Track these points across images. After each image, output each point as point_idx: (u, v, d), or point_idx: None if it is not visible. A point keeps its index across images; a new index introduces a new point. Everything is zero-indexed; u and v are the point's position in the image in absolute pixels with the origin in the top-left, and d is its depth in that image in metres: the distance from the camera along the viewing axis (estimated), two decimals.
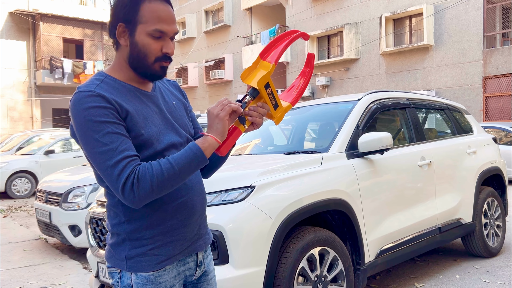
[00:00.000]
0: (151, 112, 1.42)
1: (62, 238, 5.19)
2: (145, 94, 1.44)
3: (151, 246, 1.39)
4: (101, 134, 1.28)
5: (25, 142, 12.85)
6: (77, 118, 1.30)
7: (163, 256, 1.41)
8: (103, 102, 1.30)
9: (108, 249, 1.47)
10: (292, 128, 4.14)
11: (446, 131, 4.58)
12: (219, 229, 2.49)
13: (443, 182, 3.97)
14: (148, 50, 1.37)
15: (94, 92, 1.31)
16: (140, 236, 1.39)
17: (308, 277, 2.76)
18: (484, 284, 3.71)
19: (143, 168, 1.28)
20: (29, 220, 7.76)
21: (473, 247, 4.36)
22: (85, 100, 1.30)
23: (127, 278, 1.41)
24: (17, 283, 4.29)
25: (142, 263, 1.39)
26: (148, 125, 1.38)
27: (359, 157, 3.27)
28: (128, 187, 1.27)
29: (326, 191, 2.92)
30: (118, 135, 1.30)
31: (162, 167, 1.29)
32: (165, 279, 1.42)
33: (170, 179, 1.29)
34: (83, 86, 1.34)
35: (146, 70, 1.39)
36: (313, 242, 2.77)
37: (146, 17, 1.35)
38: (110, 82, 1.38)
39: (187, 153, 1.31)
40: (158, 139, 1.39)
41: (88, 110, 1.29)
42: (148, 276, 1.40)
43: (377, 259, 3.21)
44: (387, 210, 3.36)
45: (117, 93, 1.36)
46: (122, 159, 1.28)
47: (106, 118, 1.29)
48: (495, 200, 4.61)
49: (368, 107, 3.60)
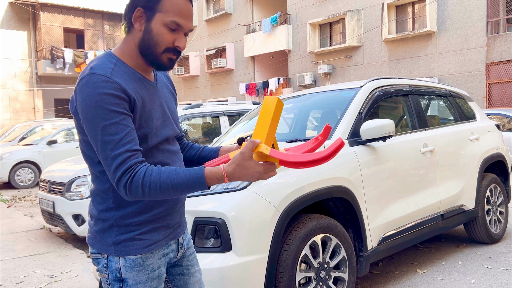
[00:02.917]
0: (154, 105, 1.44)
1: (66, 227, 5.22)
2: (150, 85, 1.46)
3: (138, 232, 1.44)
4: (108, 123, 1.29)
5: (27, 133, 12.87)
6: (87, 100, 1.30)
7: (149, 241, 1.46)
8: (117, 91, 1.31)
9: (92, 236, 1.50)
10: (294, 116, 4.13)
11: (449, 118, 4.56)
12: (222, 217, 2.49)
13: (446, 169, 3.96)
14: (160, 40, 1.38)
15: (110, 78, 1.31)
16: (129, 223, 1.43)
17: (311, 264, 2.77)
18: (486, 270, 3.72)
19: (140, 172, 1.30)
20: (33, 210, 7.80)
21: (476, 234, 4.37)
22: (100, 85, 1.30)
23: (115, 263, 1.45)
24: (22, 272, 4.33)
25: (130, 247, 1.43)
26: (150, 119, 1.40)
27: (361, 144, 3.26)
28: (122, 183, 1.31)
29: (328, 179, 2.92)
30: (124, 127, 1.31)
31: (160, 178, 1.30)
32: (152, 261, 1.48)
33: (162, 193, 1.32)
34: (97, 69, 1.33)
35: (154, 59, 1.40)
36: (315, 229, 2.78)
37: (167, 7, 1.36)
38: (121, 67, 1.39)
39: (192, 176, 1.31)
40: (156, 133, 1.42)
41: (101, 96, 1.29)
42: (136, 259, 1.44)
43: (379, 246, 3.22)
44: (390, 197, 3.36)
45: (129, 81, 1.37)
46: (123, 152, 1.30)
47: (117, 108, 1.30)
48: (497, 187, 4.61)
49: (370, 94, 3.58)
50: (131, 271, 1.45)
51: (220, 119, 6.17)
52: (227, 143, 3.97)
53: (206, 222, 2.53)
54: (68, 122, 13.51)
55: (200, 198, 2.62)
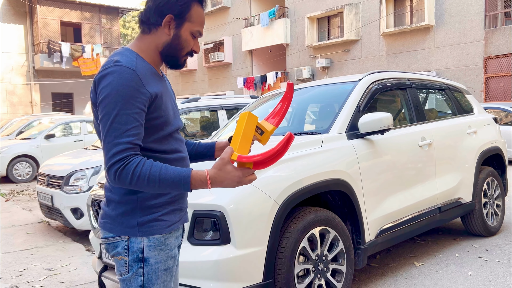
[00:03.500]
0: (167, 97, 1.60)
1: (65, 221, 5.23)
2: (162, 79, 1.61)
3: (160, 213, 1.55)
4: (122, 112, 1.41)
5: (25, 127, 12.84)
6: (110, 87, 1.42)
7: (169, 222, 1.58)
8: (139, 85, 1.44)
9: (109, 220, 1.56)
10: (292, 110, 4.13)
11: (446, 112, 4.58)
12: (221, 210, 2.50)
13: (443, 162, 3.98)
14: (186, 45, 1.58)
15: (134, 72, 1.45)
16: (151, 205, 1.54)
17: (309, 257, 2.79)
18: (483, 263, 3.75)
19: (134, 162, 1.41)
20: (31, 204, 7.81)
21: (473, 226, 4.40)
22: (125, 76, 1.43)
23: (138, 243, 1.54)
24: (21, 265, 4.34)
25: (154, 227, 1.54)
26: (167, 110, 1.56)
27: (359, 137, 3.27)
28: (113, 169, 1.41)
29: (327, 172, 2.93)
30: (134, 120, 1.43)
31: (150, 171, 1.41)
32: (170, 241, 1.60)
33: (149, 185, 1.42)
34: (123, 61, 1.46)
35: (175, 60, 1.59)
36: (313, 222, 2.80)
37: (194, 18, 1.56)
38: (141, 62, 1.52)
39: (179, 175, 1.42)
40: (171, 123, 1.58)
41: (124, 86, 1.42)
42: (160, 238, 1.56)
43: (377, 239, 3.24)
44: (387, 190, 3.38)
45: (148, 75, 1.51)
46: (125, 142, 1.41)
47: (134, 101, 1.43)
48: (495, 180, 4.63)
49: (368, 87, 3.58)
50: (154, 250, 1.55)
51: (218, 113, 6.17)
52: (225, 137, 3.98)
53: (205, 214, 2.54)
54: (66, 116, 13.48)
55: (199, 191, 2.63)
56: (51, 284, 3.82)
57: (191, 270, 2.49)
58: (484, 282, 3.35)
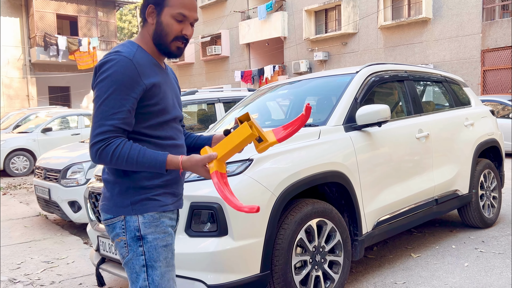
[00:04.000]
0: (167, 87, 1.68)
1: (62, 214, 5.23)
2: (163, 71, 1.70)
3: (153, 193, 1.63)
4: (112, 96, 1.51)
5: (22, 121, 12.80)
6: (107, 73, 1.52)
7: (162, 202, 1.65)
8: (135, 75, 1.53)
9: (107, 202, 1.65)
10: (290, 102, 4.12)
11: (444, 104, 4.58)
12: (218, 202, 2.50)
13: (440, 154, 3.99)
14: (169, 30, 1.61)
15: (131, 60, 1.54)
16: (144, 186, 1.62)
17: (306, 248, 2.80)
18: (479, 254, 3.77)
19: (115, 143, 1.51)
20: (28, 197, 7.80)
21: (469, 218, 4.42)
22: (123, 65, 1.53)
23: (133, 222, 1.61)
24: (18, 258, 4.34)
25: (147, 205, 1.62)
26: (165, 98, 1.64)
27: (357, 129, 3.27)
28: (95, 148, 1.52)
29: (324, 164, 2.93)
30: (122, 106, 1.52)
31: (129, 153, 1.52)
32: (165, 220, 1.66)
33: (127, 165, 1.54)
34: (122, 51, 1.56)
35: (165, 47, 1.64)
36: (311, 213, 2.80)
37: (173, 2, 1.60)
38: (141, 53, 1.61)
39: (155, 159, 1.54)
40: (169, 111, 1.66)
41: (120, 74, 1.51)
42: (154, 215, 1.63)
43: (374, 230, 3.25)
44: (385, 182, 3.38)
45: (148, 65, 1.60)
46: (109, 124, 1.51)
47: (127, 88, 1.52)
48: (491, 172, 4.65)
49: (366, 80, 3.58)
50: (150, 227, 1.61)
51: (215, 106, 6.16)
52: (222, 129, 3.97)
53: (202, 206, 2.54)
54: (63, 110, 13.43)
55: (196, 183, 2.63)
56: (49, 276, 3.82)
57: (189, 262, 2.49)
58: (480, 273, 3.37)
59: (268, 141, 1.62)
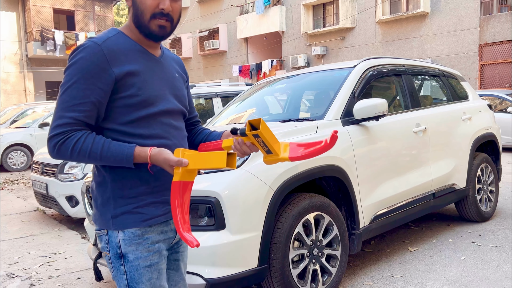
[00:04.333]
0: (154, 76, 1.49)
1: (60, 209, 5.22)
2: (152, 58, 1.52)
3: (136, 205, 1.45)
4: (75, 86, 1.37)
5: (19, 116, 12.75)
6: (73, 60, 1.39)
7: (147, 215, 1.46)
8: (103, 62, 1.38)
9: (95, 212, 1.52)
10: (287, 97, 4.12)
11: (441, 98, 4.58)
12: (216, 196, 2.50)
13: (438, 148, 3.99)
14: (144, 6, 1.44)
15: (99, 46, 1.39)
16: (124, 195, 1.45)
17: (304, 242, 2.81)
18: (476, 247, 3.79)
19: (74, 138, 1.36)
20: (26, 192, 7.79)
21: (466, 212, 4.43)
22: (90, 51, 1.38)
23: (115, 237, 1.45)
24: (16, 253, 4.34)
25: (128, 220, 1.44)
26: (146, 88, 1.45)
27: (354, 123, 3.27)
28: (53, 142, 1.37)
29: (321, 158, 2.93)
30: (85, 96, 1.37)
31: (91, 148, 1.37)
32: (151, 235, 1.48)
33: (90, 161, 1.39)
34: (96, 37, 1.43)
35: (145, 29, 1.46)
36: (308, 207, 2.81)
37: None
38: (121, 39, 1.46)
39: (122, 153, 1.38)
40: (154, 104, 1.46)
41: (86, 61, 1.37)
42: (135, 231, 1.45)
43: (371, 224, 3.26)
44: (382, 176, 3.39)
45: (123, 51, 1.43)
46: (68, 117, 1.37)
47: (93, 78, 1.37)
48: (488, 166, 4.66)
49: (363, 74, 3.57)
50: (130, 245, 1.44)
51: (213, 101, 6.15)
52: (221, 124, 3.97)
53: (199, 201, 2.54)
54: None
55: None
56: (46, 271, 3.82)
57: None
58: (477, 266, 3.38)
59: (278, 156, 1.41)
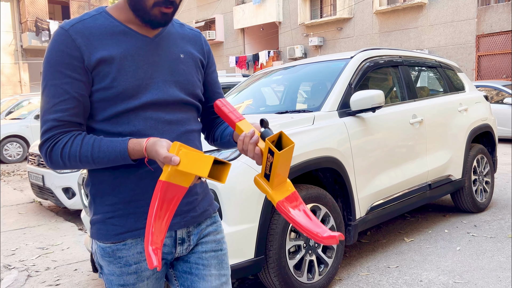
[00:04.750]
0: (139, 62, 1.22)
1: (57, 201, 5.22)
2: (140, 39, 1.25)
3: (111, 214, 1.25)
4: (50, 83, 1.18)
5: (14, 107, 12.69)
6: (45, 54, 1.21)
7: (122, 228, 1.24)
8: (71, 48, 1.17)
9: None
10: (284, 88, 4.11)
11: (438, 89, 4.58)
12: (212, 187, 2.51)
13: (434, 140, 4.00)
14: None
15: (67, 31, 1.18)
16: (103, 201, 1.26)
17: (300, 233, 2.82)
18: (471, 238, 3.82)
19: (61, 142, 1.18)
20: (22, 184, 7.78)
21: (462, 203, 4.46)
22: (55, 39, 1.18)
23: (95, 245, 1.30)
24: (13, 245, 4.34)
25: (100, 231, 1.26)
26: (122, 78, 1.19)
27: (351, 115, 3.27)
28: (43, 151, 1.20)
29: (318, 149, 2.93)
30: (63, 93, 1.17)
31: (80, 150, 1.18)
32: (126, 254, 1.25)
33: (84, 164, 1.20)
34: (66, 21, 1.22)
35: (144, 15, 1.21)
36: (304, 199, 2.81)
37: None
38: (99, 19, 1.22)
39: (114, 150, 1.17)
40: (134, 96, 1.21)
41: (52, 52, 1.18)
42: (105, 248, 1.25)
43: (367, 215, 3.27)
44: (378, 167, 3.40)
45: (97, 35, 1.20)
46: (51, 120, 1.18)
47: (63, 68, 1.17)
48: (484, 157, 4.68)
49: (360, 65, 3.57)
50: (102, 259, 1.28)
51: None
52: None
53: None
54: None
55: None
56: (43, 263, 3.83)
57: None
58: (472, 256, 3.41)
59: (269, 192, 1.17)
